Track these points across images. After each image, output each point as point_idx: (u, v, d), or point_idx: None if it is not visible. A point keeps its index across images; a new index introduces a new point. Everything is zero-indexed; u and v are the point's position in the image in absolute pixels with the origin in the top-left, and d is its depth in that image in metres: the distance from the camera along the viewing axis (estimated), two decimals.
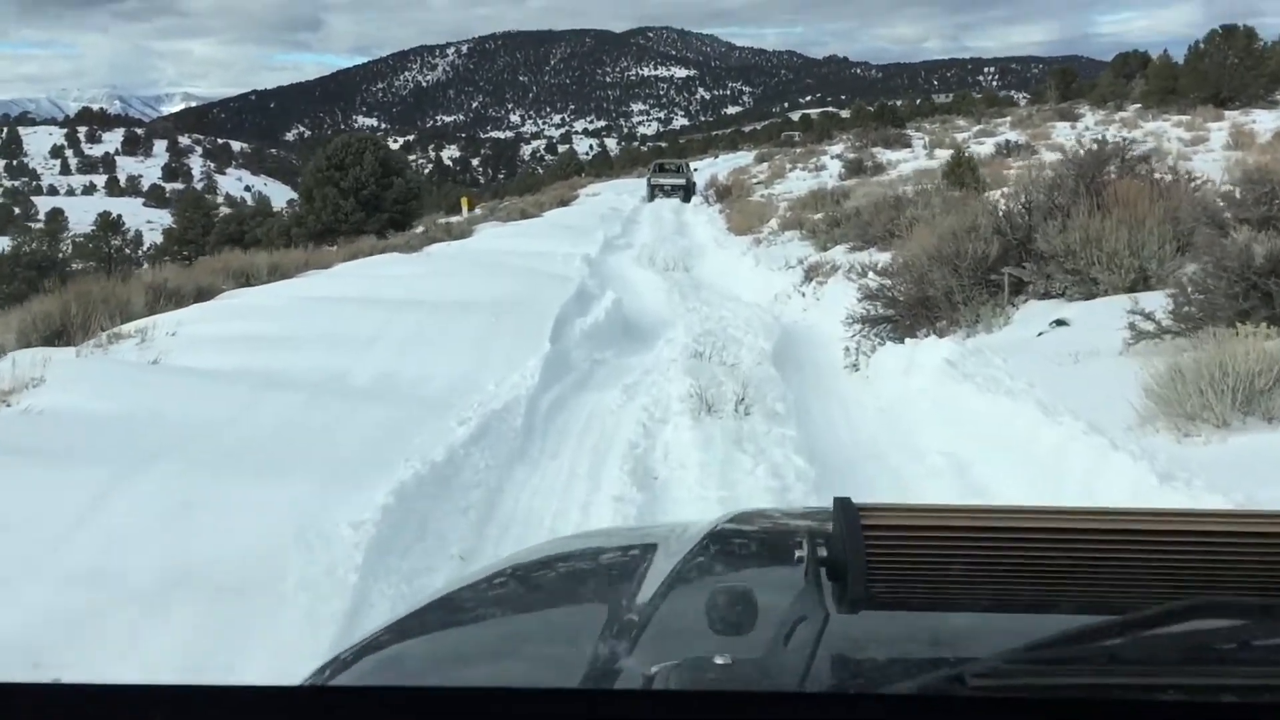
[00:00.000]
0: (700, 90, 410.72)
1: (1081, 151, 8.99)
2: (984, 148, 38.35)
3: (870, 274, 9.75)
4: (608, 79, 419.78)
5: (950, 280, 7.95)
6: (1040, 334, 6.75)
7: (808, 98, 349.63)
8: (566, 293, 10.35)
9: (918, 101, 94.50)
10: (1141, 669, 0.92)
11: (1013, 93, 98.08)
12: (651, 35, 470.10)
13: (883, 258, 11.05)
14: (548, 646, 1.39)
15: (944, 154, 37.67)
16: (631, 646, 1.18)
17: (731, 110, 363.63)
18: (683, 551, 1.51)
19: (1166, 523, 1.16)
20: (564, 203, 37.27)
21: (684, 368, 7.37)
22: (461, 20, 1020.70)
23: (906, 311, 8.24)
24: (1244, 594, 1.08)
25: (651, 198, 34.90)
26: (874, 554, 1.10)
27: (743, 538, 1.74)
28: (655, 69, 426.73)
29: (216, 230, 34.91)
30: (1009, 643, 0.97)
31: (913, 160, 37.09)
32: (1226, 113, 39.63)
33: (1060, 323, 6.72)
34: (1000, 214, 8.42)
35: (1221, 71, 43.11)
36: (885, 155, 39.29)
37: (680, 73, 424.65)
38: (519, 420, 6.01)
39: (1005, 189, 15.27)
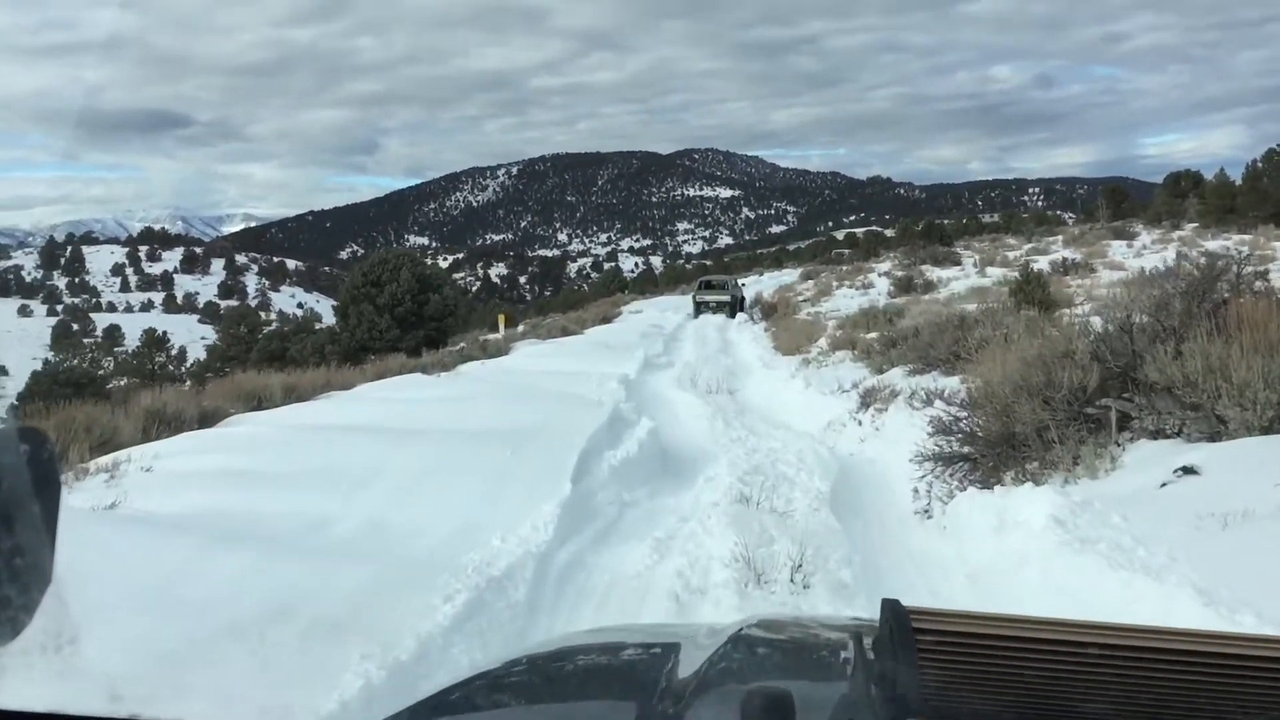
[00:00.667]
0: (745, 210, 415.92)
1: (1190, 265, 7.82)
2: (1038, 265, 37.54)
3: (938, 402, 8.60)
4: (654, 199, 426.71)
5: (1040, 413, 6.77)
6: (1164, 484, 5.52)
7: (852, 217, 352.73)
8: (598, 420, 9.27)
9: (964, 220, 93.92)
10: None
11: (1059, 212, 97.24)
12: (697, 156, 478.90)
13: (949, 382, 9.90)
14: None
15: (996, 271, 36.86)
16: None
17: (776, 229, 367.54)
18: (709, 651, 1.44)
19: (1252, 648, 1.05)
20: (606, 320, 36.66)
21: (728, 515, 6.21)
22: (511, 144, 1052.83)
23: (988, 449, 7.06)
24: None
25: (697, 314, 34.76)
26: (927, 661, 1.01)
27: (774, 639, 1.68)
28: (700, 189, 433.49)
29: (259, 346, 34.53)
30: None
31: (963, 278, 36.11)
32: None
33: (1188, 470, 5.48)
34: (1095, 338, 7.25)
35: None
36: (935, 273, 38.37)
37: (725, 193, 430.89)
38: (521, 591, 4.87)
39: (1076, 308, 14.14)
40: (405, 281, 27.58)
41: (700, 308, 35.53)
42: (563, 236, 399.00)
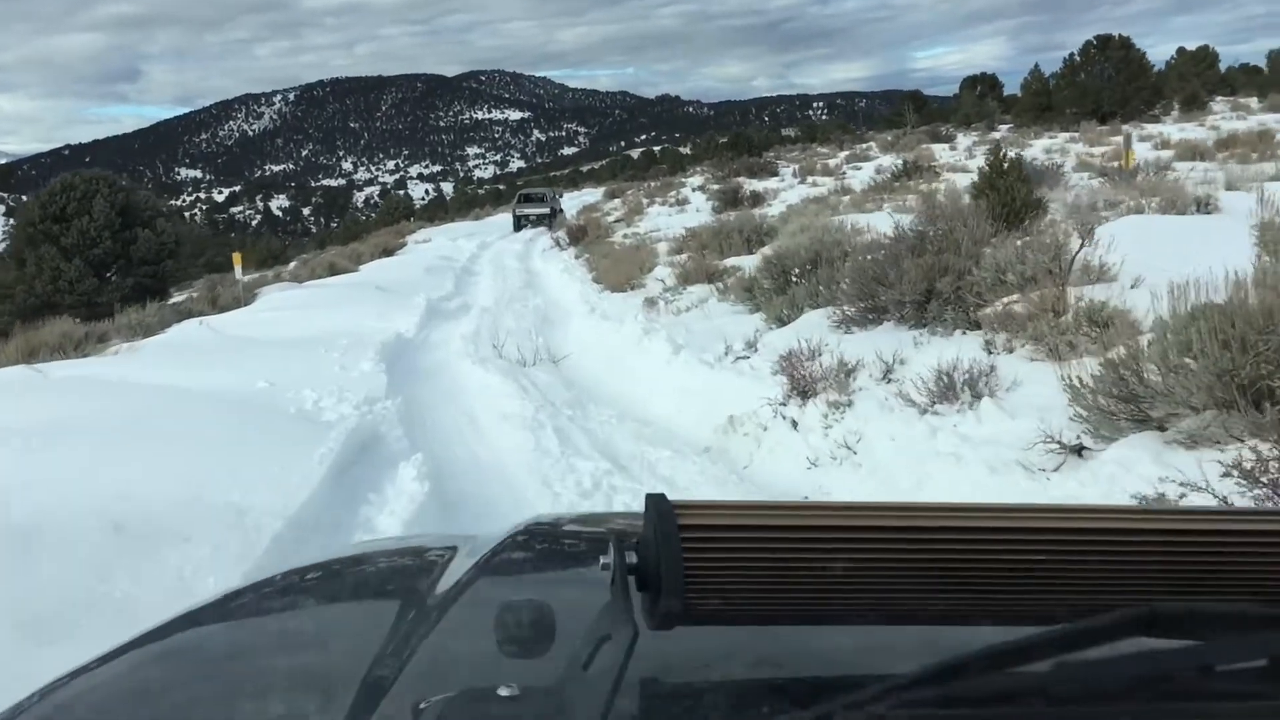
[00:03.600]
0: (535, 132, 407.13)
1: None
2: (862, 173, 34.41)
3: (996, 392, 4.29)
4: (441, 124, 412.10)
5: None
6: None
7: (643, 136, 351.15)
8: (313, 470, 4.54)
9: (765, 133, 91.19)
10: (1078, 709, 0.76)
11: (848, 124, 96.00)
12: (484, 79, 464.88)
13: (968, 352, 5.63)
14: (301, 679, 1.17)
15: (826, 180, 33.52)
16: (397, 676, 1.04)
17: (568, 151, 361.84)
18: (467, 566, 1.36)
19: (1093, 519, 0.96)
20: (387, 252, 31.34)
21: None
22: (287, 68, 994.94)
23: None
24: (1196, 599, 0.89)
25: (518, 228, 36.00)
26: (693, 559, 0.92)
27: (544, 545, 1.60)
28: (489, 112, 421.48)
29: None
30: (876, 667, 0.88)
31: (790, 189, 32.54)
32: (1115, 128, 36.52)
33: None
34: None
35: (1101, 85, 40.19)
36: (755, 185, 34.52)
37: (515, 115, 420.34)
38: None
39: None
40: (101, 214, 20.76)
41: (520, 221, 36.87)
42: (347, 165, 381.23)
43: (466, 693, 0.95)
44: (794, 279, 8.77)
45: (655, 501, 0.97)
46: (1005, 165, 9.37)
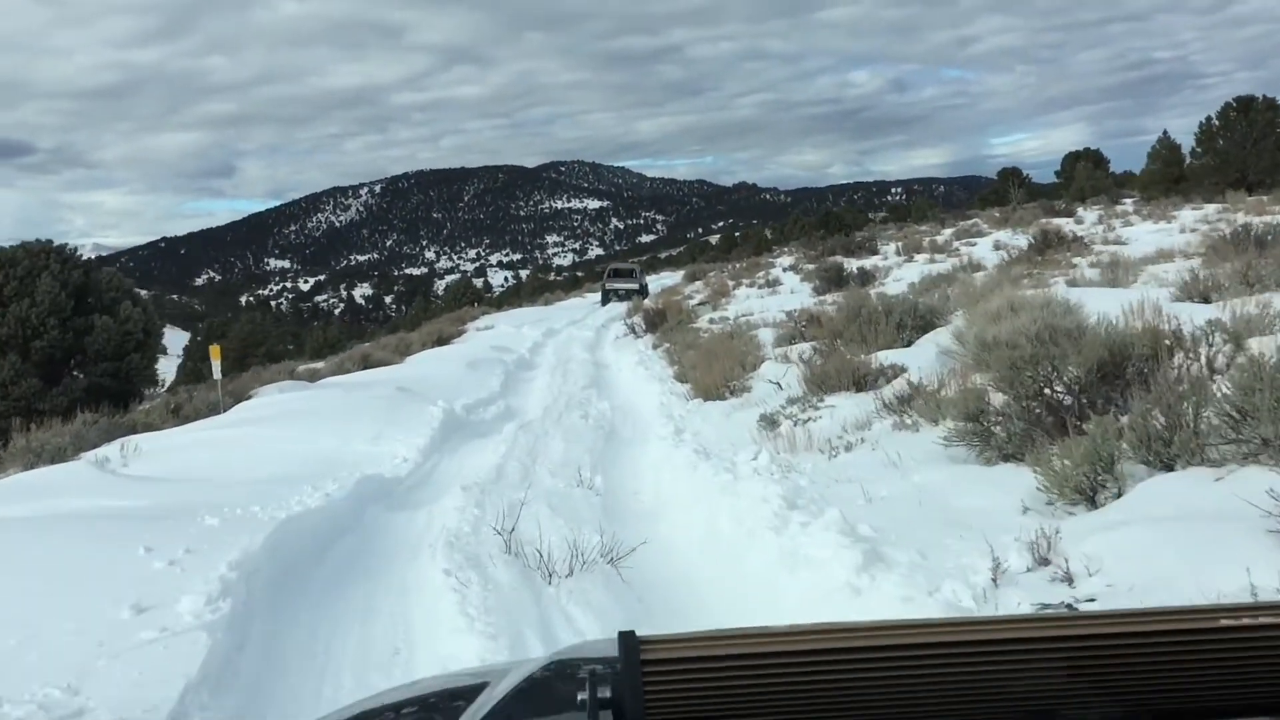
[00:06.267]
0: (614, 220, 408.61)
1: None
2: (978, 249, 30.22)
3: None
4: (521, 213, 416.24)
5: None
6: None
7: (720, 223, 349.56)
8: None
9: (854, 213, 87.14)
10: None
11: (935, 205, 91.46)
12: (563, 169, 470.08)
13: None
14: None
15: (940, 257, 29.36)
16: None
17: (646, 239, 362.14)
18: (489, 705, 1.40)
19: (1011, 629, 1.03)
20: (442, 341, 27.86)
21: None
22: (375, 161, 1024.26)
23: None
24: (1096, 705, 0.99)
25: (605, 302, 37.39)
26: (654, 691, 1.00)
27: (555, 682, 1.57)
28: (568, 201, 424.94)
29: None
30: None
31: (901, 266, 28.47)
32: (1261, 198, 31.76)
33: None
34: None
35: (1245, 151, 35.49)
36: (857, 264, 30.44)
37: (594, 204, 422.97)
38: None
39: None
40: (46, 296, 16.09)
41: (608, 296, 38.29)
42: (430, 254, 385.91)
43: None
44: (1063, 399, 4.61)
45: (625, 638, 1.03)
46: None
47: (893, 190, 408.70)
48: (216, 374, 12.72)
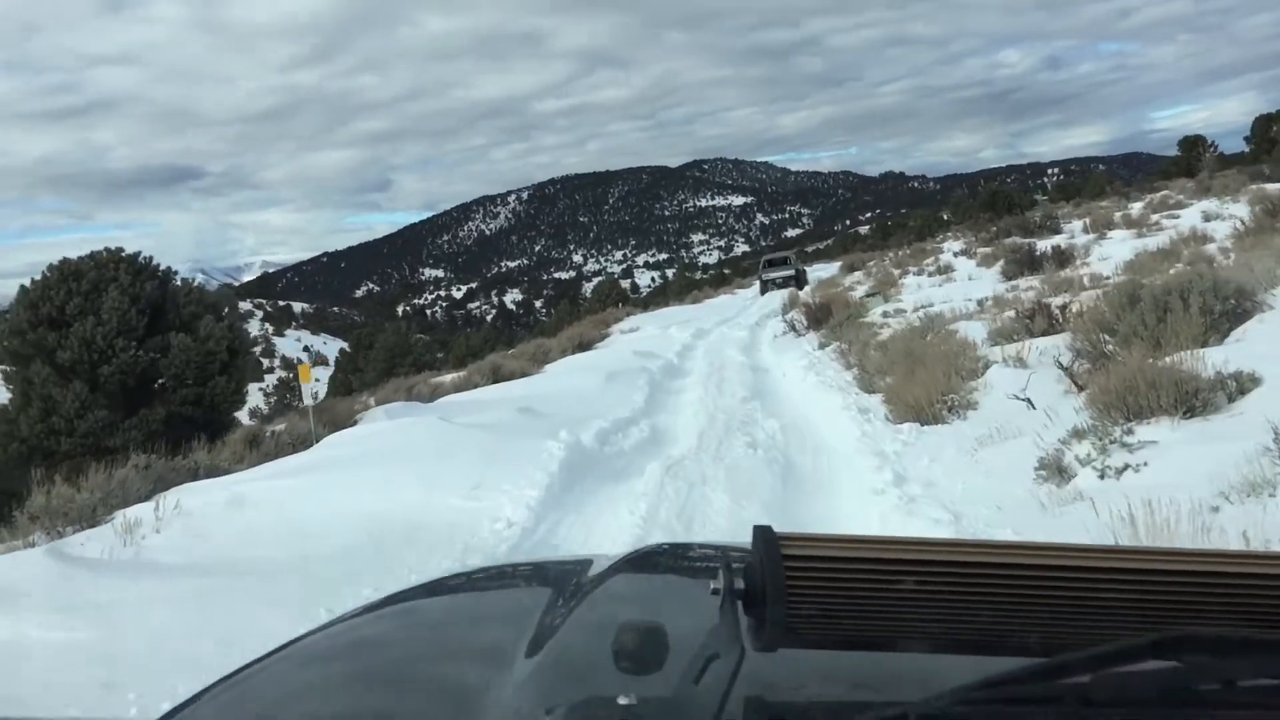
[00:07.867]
0: (759, 215, 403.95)
1: None
2: (1182, 221, 26.34)
3: None
4: (666, 212, 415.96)
5: None
6: None
7: (867, 215, 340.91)
8: None
9: (1022, 194, 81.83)
10: (1116, 711, 0.85)
11: (1113, 180, 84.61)
12: (707, 167, 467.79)
13: None
14: (436, 688, 1.27)
15: (1146, 233, 25.65)
16: (528, 687, 1.12)
17: (792, 233, 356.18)
18: (589, 585, 1.45)
19: (1131, 560, 1.02)
20: (583, 346, 25.70)
21: None
22: (521, 169, 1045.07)
23: None
24: (1225, 627, 0.98)
25: (764, 292, 37.69)
26: (795, 586, 0.98)
27: (656, 570, 1.66)
28: (713, 199, 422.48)
29: None
30: (954, 684, 0.91)
31: (1099, 244, 24.89)
32: None
33: None
34: None
35: None
36: (1044, 244, 26.90)
37: (738, 200, 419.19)
38: None
39: None
40: (114, 312, 13.57)
41: (766, 286, 38.74)
42: (577, 258, 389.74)
43: (590, 700, 0.99)
44: None
45: (762, 532, 1.02)
46: None
47: (1049, 171, 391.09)
48: (306, 399, 10.73)
